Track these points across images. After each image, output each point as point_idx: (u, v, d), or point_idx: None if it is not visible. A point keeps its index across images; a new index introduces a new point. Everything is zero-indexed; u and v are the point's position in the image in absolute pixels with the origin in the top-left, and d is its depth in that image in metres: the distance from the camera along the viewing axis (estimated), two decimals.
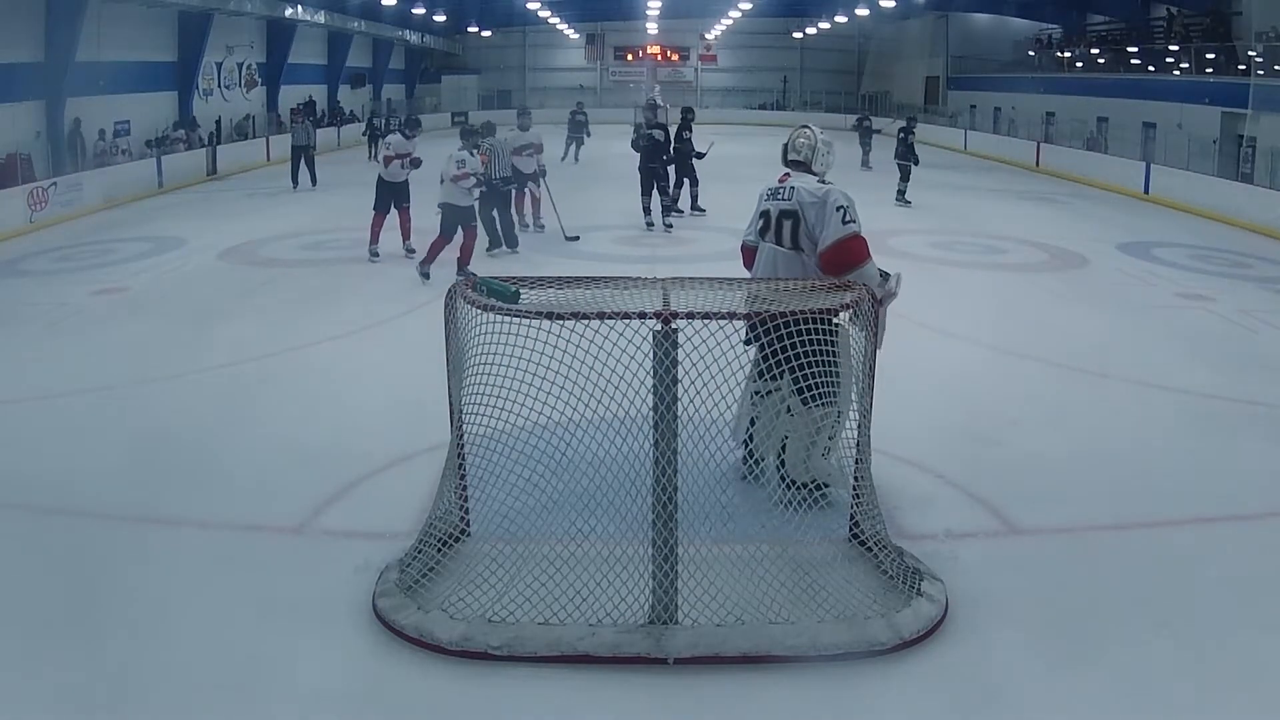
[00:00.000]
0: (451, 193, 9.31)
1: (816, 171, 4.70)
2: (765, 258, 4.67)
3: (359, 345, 7.52)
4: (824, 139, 4.77)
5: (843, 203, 4.49)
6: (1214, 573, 4.09)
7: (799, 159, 4.72)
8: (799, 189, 4.58)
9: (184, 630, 3.58)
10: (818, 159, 4.71)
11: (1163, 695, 3.28)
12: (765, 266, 4.65)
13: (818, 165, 4.71)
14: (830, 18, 35.61)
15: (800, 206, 4.53)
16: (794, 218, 4.55)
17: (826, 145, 4.75)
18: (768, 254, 4.66)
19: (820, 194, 4.53)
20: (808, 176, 4.67)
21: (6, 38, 15.56)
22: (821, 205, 4.49)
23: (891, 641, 3.46)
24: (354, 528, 4.39)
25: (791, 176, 4.68)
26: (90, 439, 5.48)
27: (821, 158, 4.71)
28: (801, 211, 4.53)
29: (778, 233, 4.62)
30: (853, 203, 4.55)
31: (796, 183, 4.62)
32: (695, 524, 3.64)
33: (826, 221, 4.46)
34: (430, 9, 30.43)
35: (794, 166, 4.72)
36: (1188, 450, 5.44)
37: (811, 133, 4.79)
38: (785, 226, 4.58)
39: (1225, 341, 7.77)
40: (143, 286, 9.62)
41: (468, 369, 3.79)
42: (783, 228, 4.59)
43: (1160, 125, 20.49)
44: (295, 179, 17.04)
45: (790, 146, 4.78)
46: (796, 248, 4.57)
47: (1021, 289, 9.67)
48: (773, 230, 4.64)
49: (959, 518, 4.51)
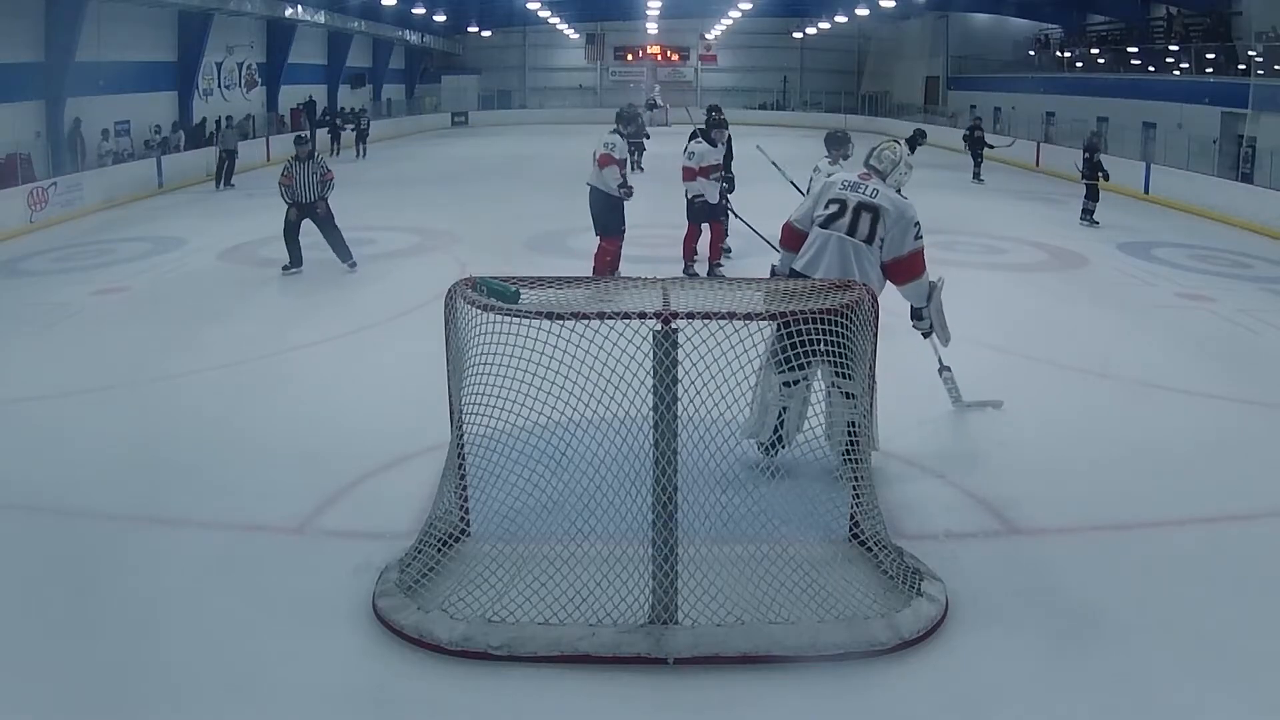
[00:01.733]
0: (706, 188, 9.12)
1: (891, 184, 5.00)
2: (833, 246, 4.86)
3: (359, 345, 7.52)
4: (909, 160, 5.13)
5: (918, 219, 4.89)
6: (1215, 573, 4.09)
7: (879, 168, 5.05)
8: (883, 191, 4.91)
9: (184, 630, 3.58)
10: (895, 173, 5.05)
11: (1163, 695, 3.28)
12: (833, 254, 4.85)
13: (892, 179, 5.03)
14: (830, 18, 35.62)
15: (883, 206, 4.85)
16: (875, 213, 4.85)
17: (908, 167, 5.11)
18: (835, 243, 4.86)
19: (902, 205, 4.90)
20: (887, 185, 4.97)
21: (6, 38, 15.57)
22: (901, 215, 4.86)
23: (891, 641, 3.46)
24: (354, 528, 4.39)
25: (872, 179, 4.98)
26: (90, 439, 5.48)
27: (900, 174, 5.07)
28: (882, 211, 4.84)
29: (854, 223, 4.85)
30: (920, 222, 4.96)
31: (879, 185, 4.94)
32: (695, 524, 3.64)
33: (905, 232, 4.84)
34: (430, 9, 30.42)
35: (876, 174, 5.02)
36: (1188, 450, 5.44)
37: (899, 149, 5.15)
38: (864, 219, 4.85)
39: (1225, 341, 7.77)
40: (143, 286, 9.62)
41: (468, 369, 3.79)
42: (860, 219, 4.85)
43: (1160, 125, 20.49)
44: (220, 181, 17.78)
45: (875, 154, 5.11)
46: (869, 241, 4.84)
47: (1021, 289, 9.67)
48: (848, 220, 4.86)
49: (959, 518, 4.51)
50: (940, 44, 34.52)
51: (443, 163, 23.04)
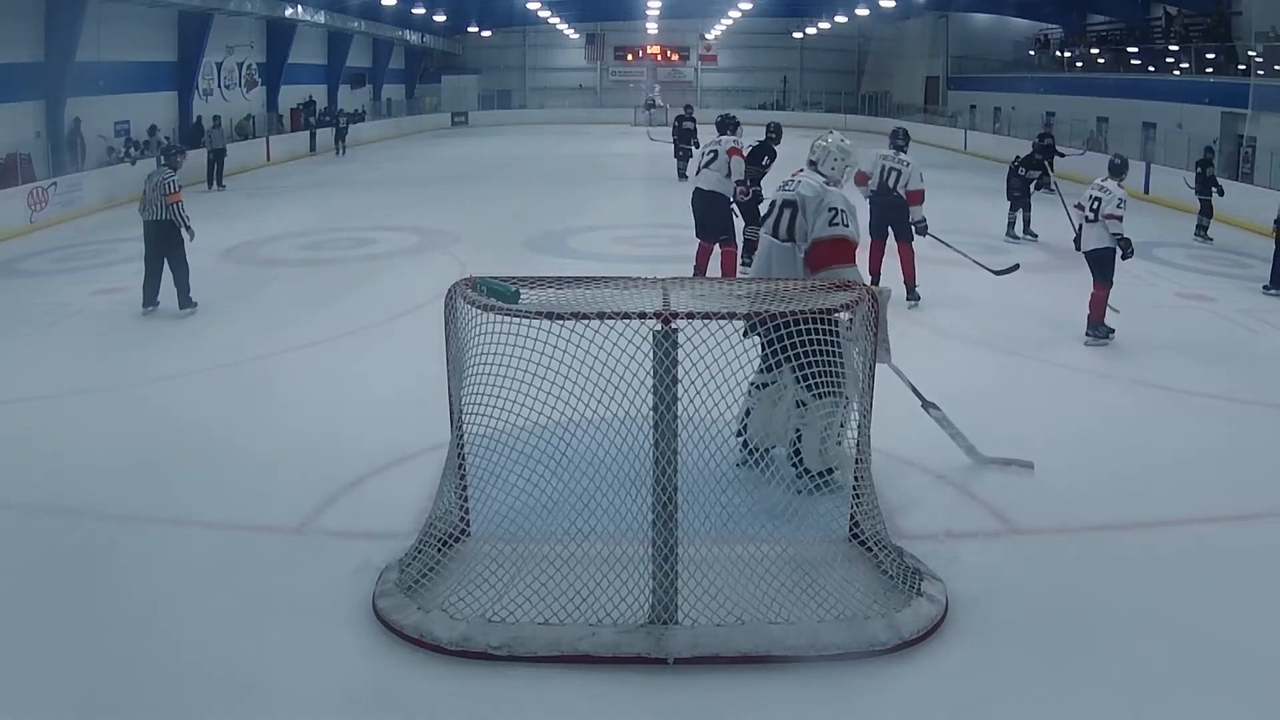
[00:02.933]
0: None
1: (824, 173, 4.94)
2: (761, 248, 4.94)
3: (359, 345, 7.51)
4: (841, 146, 5.03)
5: (837, 205, 4.75)
6: (1214, 573, 4.09)
7: (812, 159, 5.00)
8: (803, 183, 4.85)
9: (184, 630, 3.58)
10: (826, 162, 4.97)
11: (1163, 695, 3.28)
12: (761, 256, 4.93)
13: (825, 168, 4.96)
14: (830, 18, 35.61)
15: (800, 199, 4.79)
16: (793, 208, 4.80)
17: (842, 152, 5.00)
18: (764, 245, 4.92)
19: (824, 191, 4.80)
20: (816, 175, 4.91)
21: (6, 38, 15.55)
22: (820, 201, 4.75)
23: (891, 641, 3.46)
24: (354, 528, 4.39)
25: (803, 173, 4.94)
26: (90, 439, 5.48)
27: (832, 162, 4.97)
28: (801, 204, 4.77)
29: (775, 222, 4.85)
30: (850, 210, 4.80)
31: (804, 177, 4.89)
32: (695, 524, 3.64)
33: (818, 216, 4.73)
34: (430, 9, 30.41)
35: (810, 166, 4.99)
36: (1188, 450, 5.44)
37: (831, 138, 5.08)
38: (784, 216, 4.83)
39: (1226, 341, 7.77)
40: (142, 286, 9.60)
41: (468, 369, 3.79)
42: (781, 217, 4.84)
43: (1160, 125, 20.48)
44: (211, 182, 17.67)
45: (811, 148, 5.07)
46: (790, 239, 4.80)
47: (1021, 289, 9.66)
48: (772, 220, 4.89)
49: (959, 518, 4.51)
50: (940, 44, 34.51)
51: (443, 163, 23.05)
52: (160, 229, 8.14)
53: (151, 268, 8.27)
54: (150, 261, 8.28)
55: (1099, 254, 7.49)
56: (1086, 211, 7.59)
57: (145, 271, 8.30)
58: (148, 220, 8.19)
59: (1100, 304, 7.50)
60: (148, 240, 8.25)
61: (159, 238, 8.18)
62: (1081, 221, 7.70)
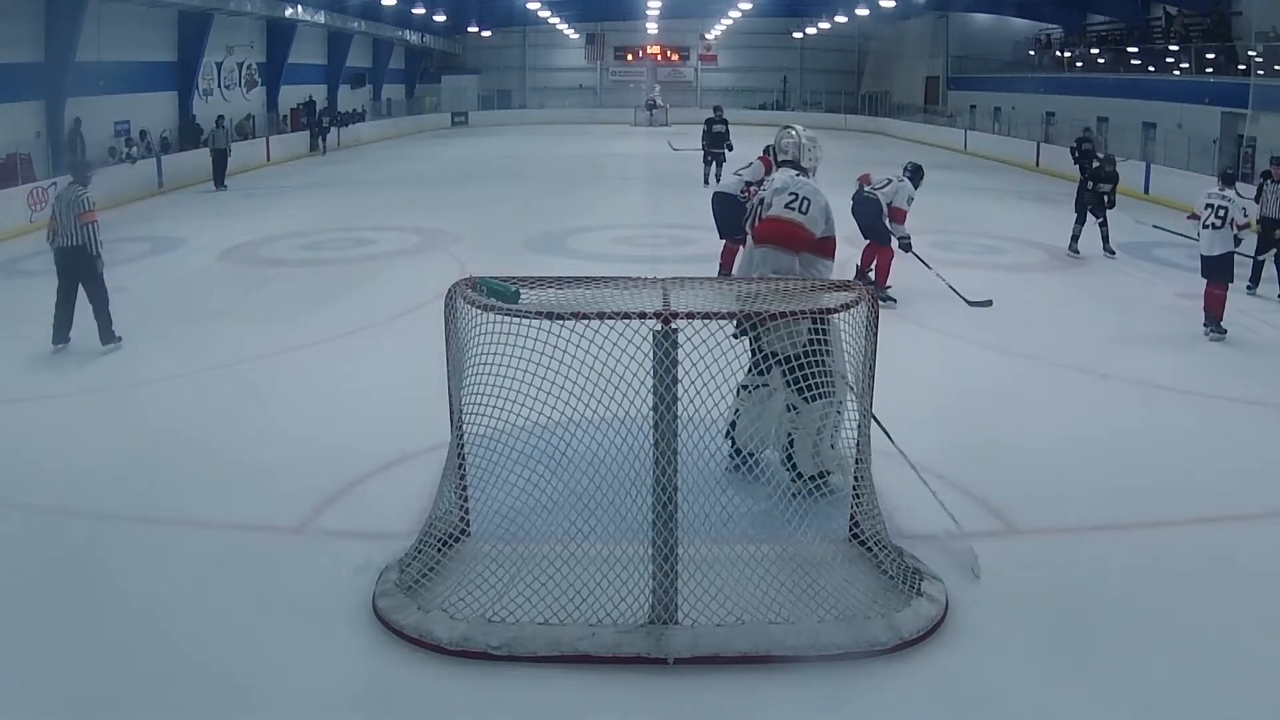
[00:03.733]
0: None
1: (804, 167, 4.91)
2: (744, 249, 5.01)
3: (359, 345, 7.52)
4: (808, 135, 4.99)
5: (800, 193, 4.66)
6: (1214, 573, 4.09)
7: (787, 158, 4.95)
8: (776, 178, 4.83)
9: (184, 630, 3.58)
10: (804, 155, 4.93)
11: (1163, 695, 3.28)
12: (744, 257, 4.97)
13: (805, 161, 4.92)
14: (830, 18, 35.59)
15: (770, 189, 4.78)
16: (761, 202, 4.83)
17: (811, 141, 4.97)
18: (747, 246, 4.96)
19: (790, 180, 4.75)
20: (790, 170, 4.88)
21: (6, 38, 15.55)
22: (783, 186, 4.72)
23: (891, 641, 3.46)
24: (354, 528, 4.39)
25: (779, 171, 4.93)
26: (90, 439, 5.48)
27: (807, 153, 4.94)
28: (770, 196, 4.76)
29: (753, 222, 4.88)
30: (816, 201, 4.66)
31: (777, 174, 4.88)
32: (695, 524, 3.64)
33: (778, 197, 4.68)
34: (430, 9, 30.40)
35: (786, 165, 4.94)
36: (1188, 450, 5.44)
37: (796, 132, 5.02)
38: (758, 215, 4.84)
39: (1225, 341, 7.76)
40: (143, 286, 9.60)
41: (468, 369, 3.79)
42: (757, 217, 4.85)
43: (1160, 125, 20.47)
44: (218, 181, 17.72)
45: (778, 148, 5.01)
46: None
47: (1021, 289, 9.67)
48: (750, 220, 4.93)
49: (959, 518, 4.50)
50: (940, 44, 34.49)
51: (443, 163, 23.06)
52: (74, 255, 7.20)
53: (64, 299, 7.27)
54: (63, 292, 7.27)
55: (1223, 258, 7.98)
56: (1213, 218, 8.02)
57: (56, 303, 7.27)
58: (59, 248, 7.26)
59: (1221, 302, 7.88)
60: (60, 270, 7.29)
61: (74, 264, 7.22)
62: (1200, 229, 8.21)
